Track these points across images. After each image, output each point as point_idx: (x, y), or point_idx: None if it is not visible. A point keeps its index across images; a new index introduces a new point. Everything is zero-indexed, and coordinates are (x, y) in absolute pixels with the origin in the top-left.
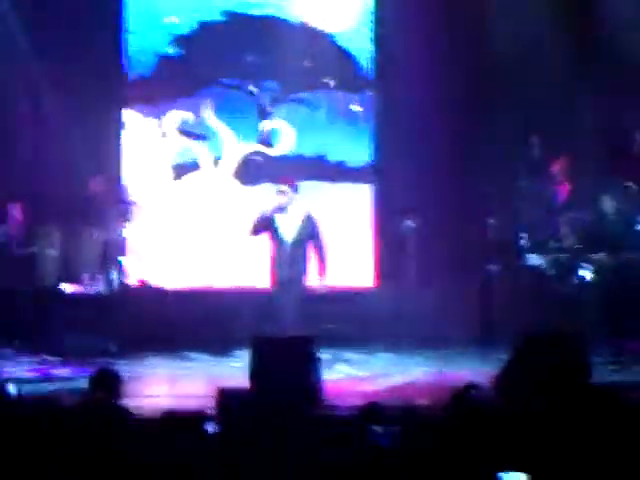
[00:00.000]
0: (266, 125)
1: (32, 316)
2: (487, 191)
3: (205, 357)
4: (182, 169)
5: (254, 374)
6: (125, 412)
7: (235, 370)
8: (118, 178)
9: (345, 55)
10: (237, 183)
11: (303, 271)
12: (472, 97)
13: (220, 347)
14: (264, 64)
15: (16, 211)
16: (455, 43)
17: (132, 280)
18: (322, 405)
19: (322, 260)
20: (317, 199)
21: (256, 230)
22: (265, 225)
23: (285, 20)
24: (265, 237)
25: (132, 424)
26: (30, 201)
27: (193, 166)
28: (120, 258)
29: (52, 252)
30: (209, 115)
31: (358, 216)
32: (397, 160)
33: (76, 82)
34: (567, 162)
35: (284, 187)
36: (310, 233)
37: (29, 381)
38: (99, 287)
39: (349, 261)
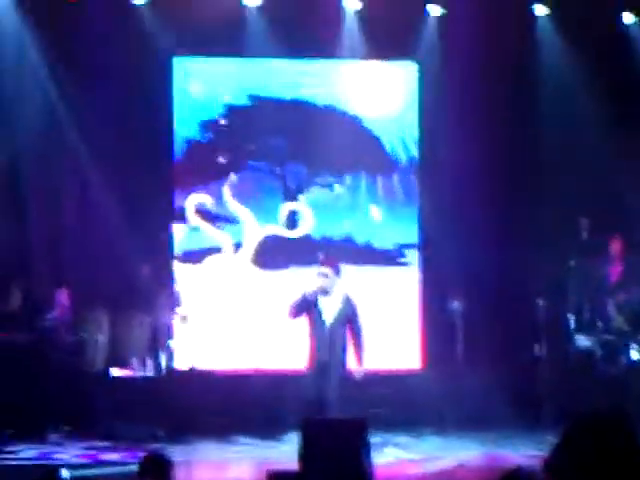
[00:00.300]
0: (288, 207)
1: (81, 401)
2: (536, 272)
3: (254, 441)
4: (204, 253)
5: (304, 457)
6: None
7: (284, 453)
8: (168, 264)
9: (374, 139)
10: (262, 266)
11: (342, 354)
12: (518, 178)
13: (269, 430)
14: (291, 147)
15: (64, 297)
16: (501, 124)
17: (180, 364)
18: None
19: (359, 344)
20: (362, 281)
21: (297, 312)
22: (307, 307)
23: (314, 104)
24: (304, 319)
25: None
26: (78, 287)
27: (215, 250)
28: (168, 342)
29: (101, 337)
30: (229, 198)
31: (405, 298)
32: (443, 241)
33: (125, 168)
34: (622, 243)
35: (326, 270)
36: (349, 315)
37: (79, 466)
38: (148, 372)
39: (396, 343)
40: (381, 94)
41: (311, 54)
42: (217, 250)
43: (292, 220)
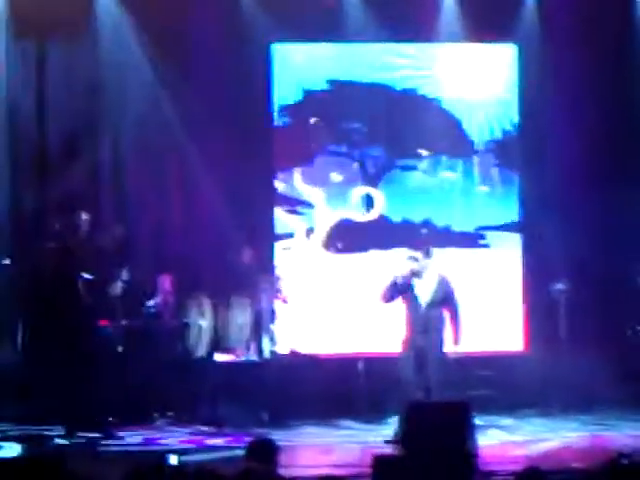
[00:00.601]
0: (360, 191)
1: (185, 387)
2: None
3: (358, 424)
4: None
5: (408, 440)
6: None
7: (388, 437)
8: (270, 248)
9: (453, 122)
10: (337, 250)
11: (438, 336)
12: (622, 159)
13: (372, 414)
14: (371, 131)
15: (167, 283)
16: (602, 106)
17: (283, 348)
18: (478, 471)
19: (456, 325)
20: (462, 263)
21: (391, 296)
22: (399, 291)
23: (392, 87)
24: (400, 303)
25: None
26: (181, 272)
27: (287, 236)
28: (271, 326)
29: (204, 322)
30: (299, 183)
31: (509, 279)
32: (545, 223)
33: (227, 153)
34: None
35: (416, 253)
36: (444, 297)
37: (184, 452)
38: (251, 356)
39: (499, 325)
40: (480, 77)
41: (409, 38)
42: (289, 235)
43: (365, 203)
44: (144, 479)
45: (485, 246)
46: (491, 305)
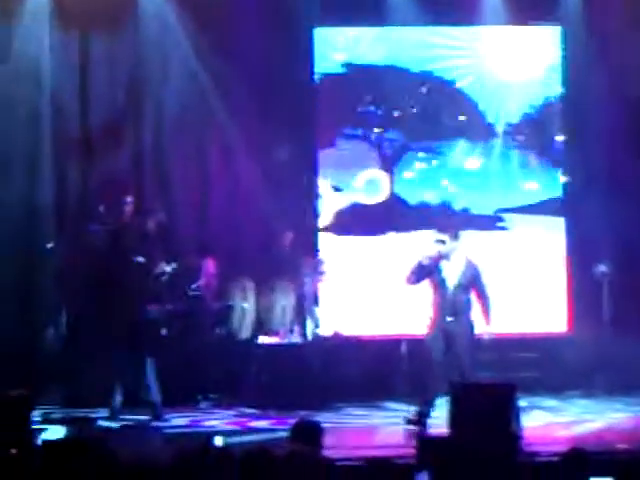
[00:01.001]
0: (366, 175)
1: (229, 369)
2: None
3: (402, 406)
4: None
5: (454, 421)
6: (328, 463)
7: (432, 419)
8: (313, 232)
9: (471, 105)
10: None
11: (466, 318)
12: None
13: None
14: (386, 114)
15: (211, 265)
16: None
17: (326, 331)
18: (524, 451)
19: (486, 306)
20: (507, 245)
21: (417, 278)
22: (426, 274)
23: (407, 70)
24: (427, 285)
25: (338, 474)
26: (224, 255)
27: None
28: (314, 309)
29: (247, 305)
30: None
31: (552, 261)
32: (590, 204)
33: (269, 136)
34: None
35: (444, 236)
36: (472, 279)
37: (229, 434)
38: (294, 338)
39: (542, 307)
40: (523, 59)
41: (452, 21)
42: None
43: (371, 187)
44: (191, 461)
45: (503, 229)
46: (535, 287)
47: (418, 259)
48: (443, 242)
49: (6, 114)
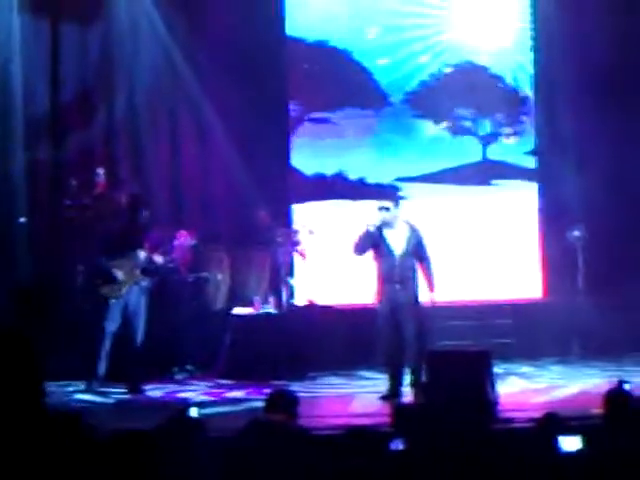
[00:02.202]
0: None
1: (204, 340)
2: None
3: (377, 375)
4: None
5: (429, 388)
6: (304, 432)
7: (408, 387)
8: (287, 203)
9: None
10: None
11: (414, 285)
12: (636, 104)
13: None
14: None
15: (185, 237)
16: (618, 53)
17: (301, 300)
18: (499, 418)
19: (429, 273)
20: (478, 210)
21: (363, 248)
22: (372, 242)
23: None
24: (370, 254)
25: (313, 443)
26: (199, 227)
27: None
28: (289, 279)
29: (222, 276)
30: None
31: (525, 227)
32: (562, 170)
33: (242, 106)
34: None
35: (387, 203)
36: (416, 246)
37: (204, 404)
38: (270, 308)
39: (517, 273)
40: (493, 26)
41: None
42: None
43: None
44: (168, 432)
45: (500, 192)
46: (510, 253)
47: (363, 228)
48: (387, 209)
49: None
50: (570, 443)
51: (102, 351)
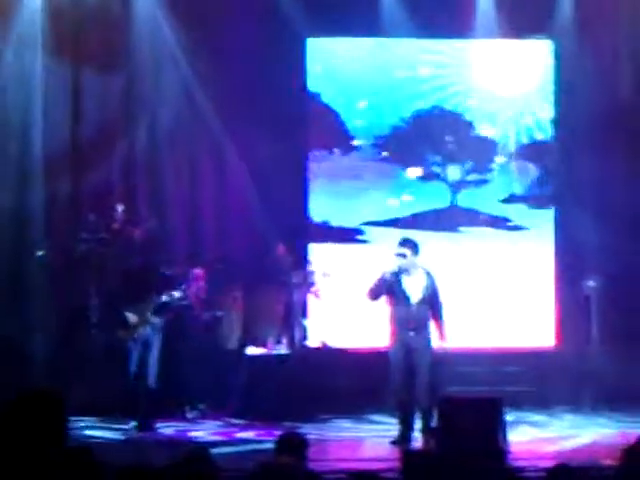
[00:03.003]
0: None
1: (216, 379)
2: None
3: (388, 419)
4: None
5: (440, 434)
6: (313, 476)
7: (418, 432)
8: (303, 244)
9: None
10: None
11: (428, 333)
12: None
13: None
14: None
15: (199, 275)
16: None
17: (314, 342)
18: (509, 466)
19: (441, 321)
20: (495, 258)
21: (378, 293)
22: (387, 288)
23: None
24: (385, 300)
25: None
26: (214, 266)
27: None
28: (303, 320)
29: (235, 315)
30: None
31: (541, 277)
32: (580, 220)
33: (261, 145)
34: None
35: (405, 250)
36: (432, 293)
37: (214, 444)
38: (282, 349)
39: (530, 321)
40: (514, 73)
41: (445, 34)
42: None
43: None
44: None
45: (516, 241)
46: (524, 301)
47: (380, 274)
48: (404, 256)
49: None
50: None
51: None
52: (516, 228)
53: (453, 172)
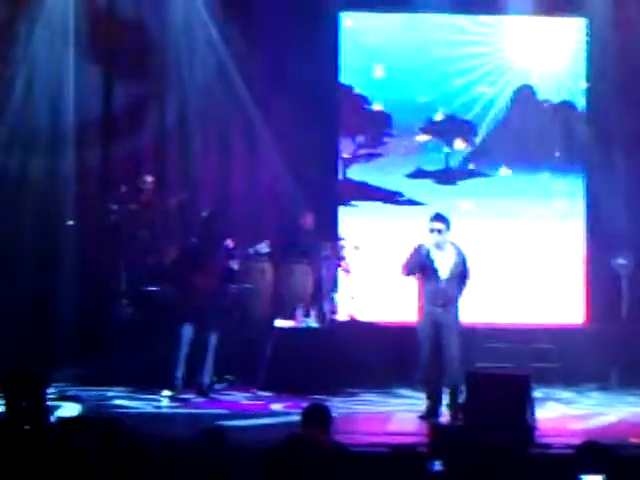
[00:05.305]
0: None
1: (245, 351)
2: None
3: (416, 394)
4: None
5: (468, 409)
6: (340, 448)
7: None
8: (333, 216)
9: None
10: None
11: (456, 309)
12: None
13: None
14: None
15: (230, 247)
16: None
17: (343, 315)
18: (536, 443)
19: (465, 297)
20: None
21: (412, 269)
22: (423, 263)
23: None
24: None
25: (349, 460)
26: (244, 238)
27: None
28: (332, 293)
29: (265, 287)
30: None
31: (571, 253)
32: (610, 197)
33: (292, 118)
34: None
35: (439, 225)
36: (462, 269)
37: (243, 416)
38: (311, 322)
39: (559, 298)
40: (548, 50)
41: (478, 10)
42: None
43: None
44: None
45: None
46: (554, 278)
47: (414, 249)
48: (440, 231)
49: (30, 93)
50: None
51: (181, 355)
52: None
53: None
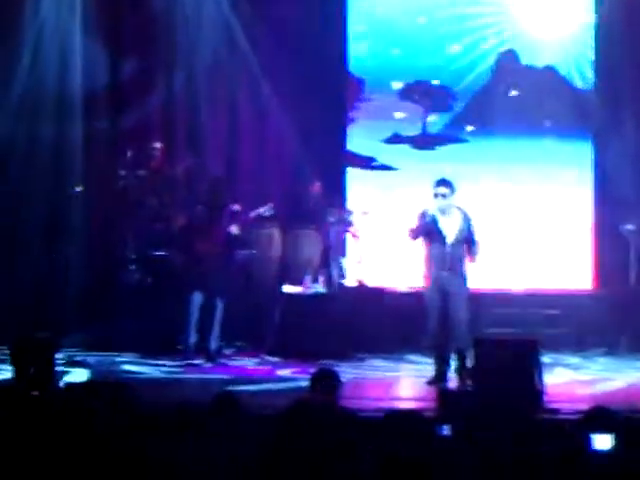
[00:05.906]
0: None
1: (253, 317)
2: None
3: (424, 359)
4: None
5: (476, 374)
6: (348, 413)
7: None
8: (340, 183)
9: None
10: None
11: (463, 273)
12: None
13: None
14: None
15: (237, 212)
16: None
17: (351, 281)
18: (544, 408)
19: (474, 262)
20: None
21: (418, 233)
22: (427, 228)
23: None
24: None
25: (357, 424)
26: (251, 203)
27: None
28: (340, 259)
29: (273, 253)
30: None
31: (579, 219)
32: (618, 163)
33: (300, 87)
34: None
35: (443, 190)
36: (468, 234)
37: (251, 381)
38: (319, 288)
39: (567, 263)
40: (555, 16)
41: None
42: None
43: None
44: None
45: (553, 182)
46: (561, 243)
47: (420, 213)
48: (444, 196)
49: (37, 59)
50: (602, 442)
51: (192, 321)
52: None
53: None
